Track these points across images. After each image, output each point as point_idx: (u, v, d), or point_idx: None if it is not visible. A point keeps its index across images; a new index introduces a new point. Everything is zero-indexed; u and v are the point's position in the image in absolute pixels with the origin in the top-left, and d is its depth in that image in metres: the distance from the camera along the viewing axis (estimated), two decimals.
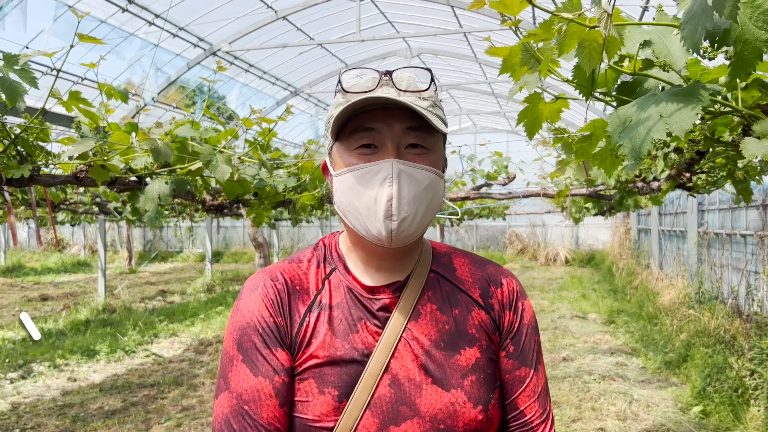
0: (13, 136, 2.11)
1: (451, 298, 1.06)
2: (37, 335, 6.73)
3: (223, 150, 2.50)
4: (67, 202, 5.33)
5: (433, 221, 1.03)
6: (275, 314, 1.00)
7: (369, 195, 0.95)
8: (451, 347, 1.01)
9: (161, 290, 12.63)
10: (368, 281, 1.04)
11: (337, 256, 1.08)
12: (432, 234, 17.99)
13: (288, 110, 2.54)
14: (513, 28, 1.73)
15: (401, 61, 13.23)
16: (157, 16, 8.93)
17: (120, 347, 7.16)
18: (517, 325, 1.07)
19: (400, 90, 0.96)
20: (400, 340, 0.99)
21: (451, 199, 5.77)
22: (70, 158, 2.19)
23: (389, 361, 0.98)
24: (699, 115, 1.16)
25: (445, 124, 1.02)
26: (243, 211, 4.77)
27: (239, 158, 2.75)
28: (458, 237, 20.23)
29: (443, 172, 1.03)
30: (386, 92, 0.95)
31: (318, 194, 3.76)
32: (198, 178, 3.03)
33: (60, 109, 2.99)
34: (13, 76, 2.00)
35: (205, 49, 10.31)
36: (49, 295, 12.26)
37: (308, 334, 0.99)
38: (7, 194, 2.70)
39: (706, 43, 1.11)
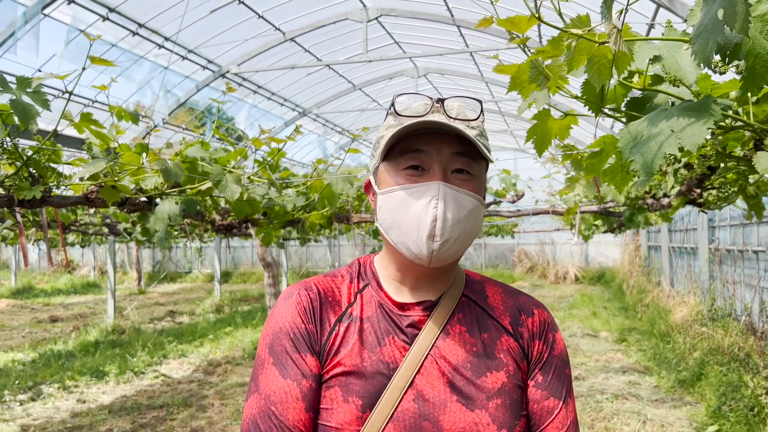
0: (25, 158, 2.12)
1: (481, 323, 1.07)
2: None
3: (232, 170, 2.51)
4: (78, 224, 5.36)
5: (470, 246, 1.06)
6: (307, 321, 1.03)
7: (414, 214, 0.98)
8: (478, 369, 1.02)
9: (170, 311, 12.63)
10: (400, 298, 1.07)
11: (372, 273, 1.11)
12: None
13: (297, 130, 2.55)
14: (521, 45, 1.73)
15: (408, 81, 13.31)
16: (167, 39, 9.05)
17: (129, 368, 7.14)
18: (546, 356, 1.07)
19: (450, 117, 1.00)
20: (427, 357, 1.01)
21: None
22: (81, 179, 2.21)
23: (414, 377, 0.99)
24: (710, 130, 1.16)
25: (490, 153, 1.05)
26: (252, 230, 4.77)
27: (249, 178, 2.76)
28: (467, 255, 20.15)
29: (484, 200, 1.07)
30: (437, 118, 0.99)
31: (327, 213, 3.76)
32: (208, 198, 3.04)
33: (71, 132, 3.02)
34: (26, 99, 2.02)
35: (213, 71, 10.42)
36: (58, 316, 12.28)
37: (337, 343, 1.02)
38: (18, 216, 2.71)
39: (716, 58, 1.11)
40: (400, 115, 1.01)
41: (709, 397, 5.10)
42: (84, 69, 2.05)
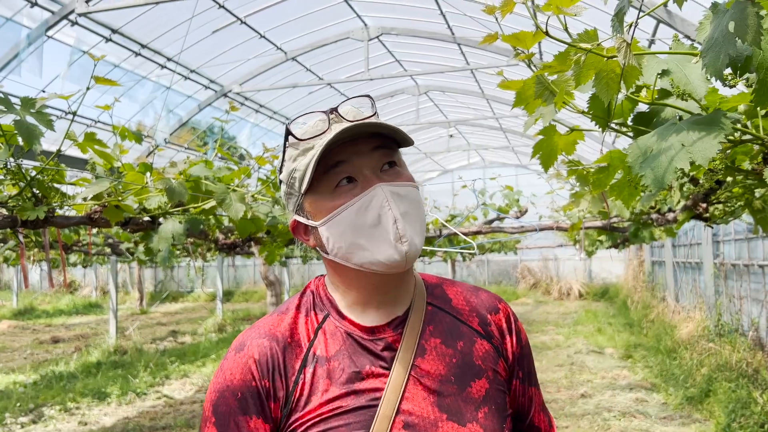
0: (29, 178, 2.12)
1: (453, 331, 1.03)
2: None
3: (236, 189, 2.50)
4: (80, 244, 5.35)
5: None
6: (260, 377, 0.95)
7: (371, 226, 0.92)
8: (461, 381, 0.98)
9: (172, 331, 12.56)
10: (367, 322, 0.99)
11: (328, 301, 1.03)
12: (444, 269, 17.88)
13: None
14: (526, 61, 1.73)
15: (409, 99, 13.37)
16: (169, 59, 9.11)
17: (131, 389, 7.08)
18: (519, 350, 1.08)
19: (350, 121, 0.95)
20: (409, 378, 0.96)
21: (464, 234, 5.74)
22: (85, 199, 2.20)
23: (400, 403, 0.94)
24: (721, 144, 1.15)
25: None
26: (254, 249, 4.76)
27: (252, 196, 2.75)
28: (470, 272, 20.09)
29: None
30: (340, 128, 0.93)
31: None
32: (211, 216, 3.03)
33: (74, 152, 3.02)
34: (30, 119, 2.02)
35: (216, 91, 10.48)
36: (60, 337, 12.22)
37: (306, 392, 0.95)
38: (20, 236, 2.70)
39: (727, 71, 1.10)
40: (303, 140, 0.95)
41: (718, 414, 5.04)
42: (88, 89, 2.05)
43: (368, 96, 1.01)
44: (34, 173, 2.19)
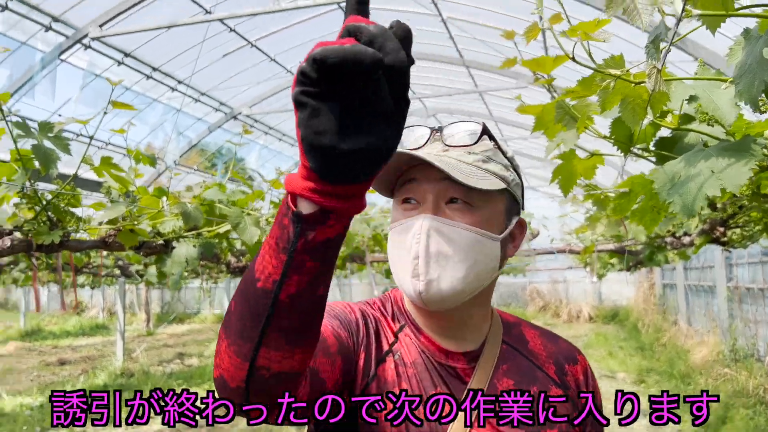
0: (44, 203, 2.11)
1: (528, 375, 1.00)
2: None
3: (250, 212, 2.49)
4: (90, 266, 5.34)
5: (480, 287, 0.95)
6: (360, 318, 0.95)
7: (403, 253, 0.90)
8: (531, 429, 0.94)
9: (179, 353, 12.50)
10: (442, 344, 0.97)
11: (405, 313, 1.01)
12: None
13: None
14: (546, 86, 1.72)
15: (418, 121, 13.43)
16: (179, 82, 9.20)
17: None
18: (593, 405, 1.02)
19: (447, 145, 0.93)
20: (476, 416, 0.92)
21: None
22: (100, 223, 2.19)
23: None
24: (752, 170, 1.12)
25: (505, 181, 0.94)
26: None
27: (266, 220, 2.74)
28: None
29: (503, 232, 0.95)
30: (433, 148, 0.93)
31: (342, 254, 3.72)
32: (224, 240, 3.02)
33: (87, 174, 3.03)
34: (48, 144, 2.03)
35: (225, 113, 10.56)
36: (67, 359, 12.17)
37: (388, 377, 0.92)
38: (33, 260, 2.69)
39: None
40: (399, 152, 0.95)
41: None
42: (105, 113, 2.06)
43: (480, 122, 0.95)
44: (49, 197, 2.19)
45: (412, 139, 0.95)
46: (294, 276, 0.61)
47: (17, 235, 2.13)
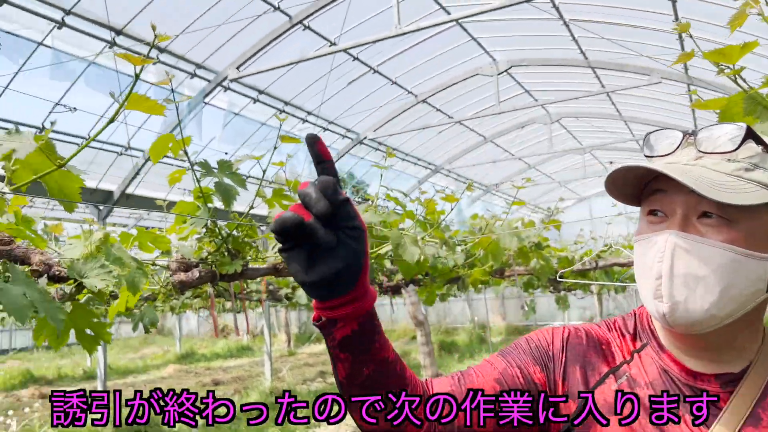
0: (225, 235, 2.29)
1: None
2: None
3: (407, 233, 2.55)
4: (245, 291, 5.71)
5: (739, 311, 0.82)
6: (555, 343, 0.96)
7: (646, 270, 0.83)
8: None
9: (320, 371, 12.94)
10: (690, 364, 0.87)
11: (650, 330, 0.94)
12: (588, 301, 16.99)
13: (469, 187, 2.55)
14: (733, 76, 1.61)
15: (540, 128, 13.10)
16: (309, 113, 9.68)
17: None
18: None
19: (700, 152, 0.83)
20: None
21: (620, 265, 5.44)
22: (276, 253, 2.35)
23: None
24: None
25: None
26: (404, 289, 4.80)
27: (422, 239, 2.79)
28: (617, 304, 18.94)
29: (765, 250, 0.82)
30: (684, 155, 0.84)
31: (489, 269, 3.69)
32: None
33: (241, 207, 3.26)
34: (227, 180, 2.20)
35: (352, 139, 10.93)
36: (220, 379, 13.01)
37: (609, 400, 0.87)
38: (210, 289, 2.91)
39: None
40: (647, 156, 0.88)
41: None
42: (275, 148, 2.20)
43: (743, 125, 0.82)
44: (227, 231, 2.37)
45: (663, 145, 0.87)
46: (338, 364, 0.83)
47: (202, 267, 2.32)
